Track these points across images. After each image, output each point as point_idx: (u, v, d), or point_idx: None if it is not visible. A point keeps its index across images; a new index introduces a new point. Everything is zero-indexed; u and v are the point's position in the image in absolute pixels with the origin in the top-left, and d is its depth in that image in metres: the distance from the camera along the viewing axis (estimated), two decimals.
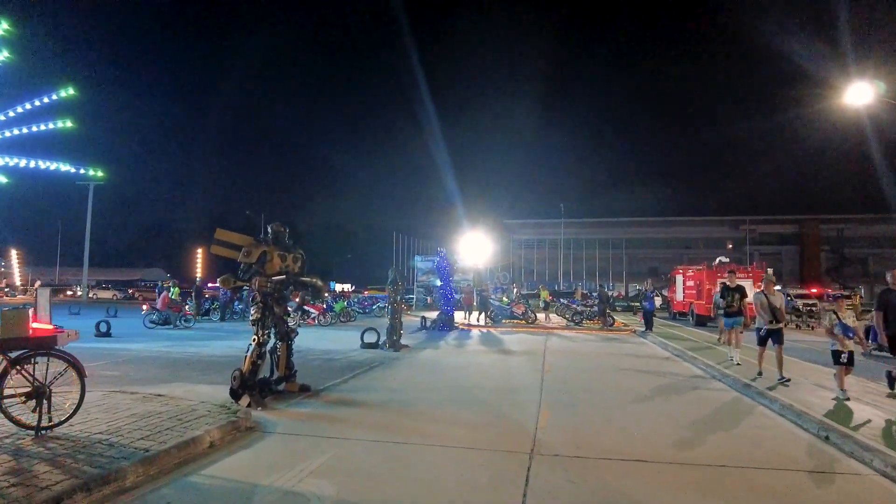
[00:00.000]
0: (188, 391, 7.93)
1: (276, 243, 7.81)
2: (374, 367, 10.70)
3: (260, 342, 7.39)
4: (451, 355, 12.82)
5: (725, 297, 10.39)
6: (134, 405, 6.49)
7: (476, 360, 11.97)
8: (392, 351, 13.12)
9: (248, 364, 7.30)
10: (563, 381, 9.53)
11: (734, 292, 10.42)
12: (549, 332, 19.46)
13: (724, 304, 10.48)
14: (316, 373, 9.83)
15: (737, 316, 10.51)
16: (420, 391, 8.36)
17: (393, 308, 13.97)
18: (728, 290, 10.37)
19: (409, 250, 52.13)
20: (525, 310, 22.95)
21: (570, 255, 67.68)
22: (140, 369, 9.95)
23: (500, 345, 15.37)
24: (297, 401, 7.59)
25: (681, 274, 27.85)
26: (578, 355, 13.19)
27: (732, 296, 10.40)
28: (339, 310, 22.68)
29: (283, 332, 8.05)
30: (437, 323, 19.65)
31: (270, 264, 7.60)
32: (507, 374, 10.16)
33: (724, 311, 10.57)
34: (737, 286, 10.47)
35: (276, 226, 7.89)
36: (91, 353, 11.82)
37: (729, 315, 10.49)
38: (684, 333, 18.59)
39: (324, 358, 11.90)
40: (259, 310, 7.52)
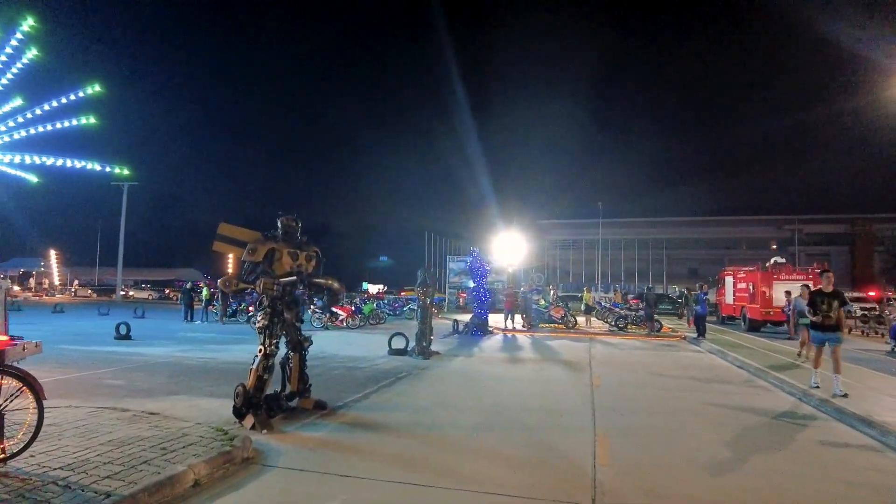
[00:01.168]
0: (190, 407, 7.02)
1: (286, 240, 6.81)
2: (401, 378, 9.63)
3: (267, 353, 6.39)
4: (485, 365, 11.66)
5: (818, 305, 8.40)
6: (117, 427, 5.56)
7: (514, 372, 10.78)
8: (421, 358, 12.05)
9: (252, 379, 6.31)
10: (617, 398, 8.27)
11: (831, 298, 8.35)
12: (591, 339, 18.08)
13: (815, 313, 8.44)
14: (336, 385, 8.83)
15: (834, 331, 8.31)
16: (451, 412, 7.23)
17: (423, 312, 12.89)
18: (822, 296, 8.38)
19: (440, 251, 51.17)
20: (564, 313, 21.60)
21: (608, 256, 65.50)
22: (147, 378, 9.13)
23: (539, 352, 14.12)
24: (310, 421, 6.57)
25: (731, 275, 26.03)
26: (629, 366, 11.85)
27: (829, 303, 8.30)
28: (368, 312, 21.75)
29: (294, 341, 7.04)
30: (470, 327, 18.50)
31: (279, 263, 6.60)
32: (550, 390, 8.94)
33: (816, 322, 8.53)
34: (834, 291, 8.44)
35: (286, 219, 6.88)
36: (103, 358, 11.15)
37: (823, 328, 8.34)
38: (742, 341, 16.97)
39: (347, 366, 10.90)
40: (266, 316, 6.52)
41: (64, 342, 14.09)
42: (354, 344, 15.05)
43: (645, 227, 70.56)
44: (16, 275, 55.14)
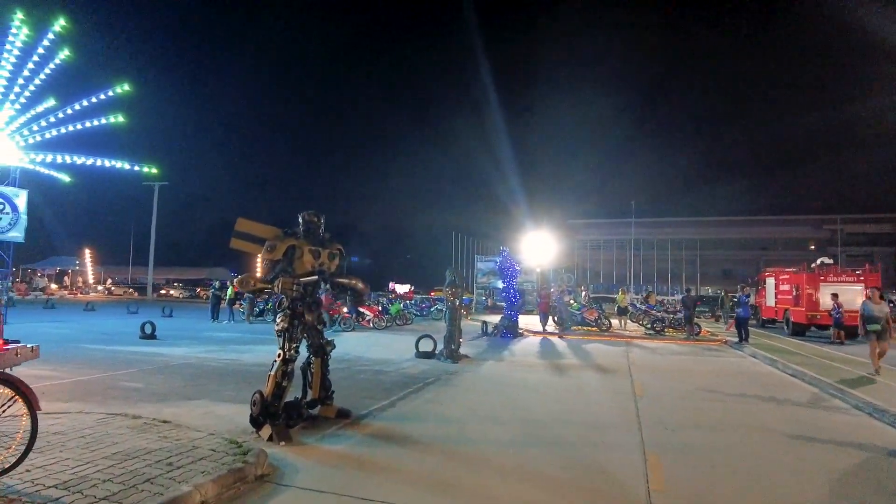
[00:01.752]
0: (205, 413, 6.62)
1: (307, 236, 6.35)
2: (429, 383, 9.11)
3: (286, 358, 5.93)
4: (518, 370, 11.06)
5: None
6: (125, 438, 5.16)
7: (549, 378, 10.16)
8: (450, 362, 11.52)
9: (270, 385, 5.87)
10: (664, 411, 7.59)
11: None
12: (627, 343, 17.29)
13: None
14: (361, 390, 8.36)
15: None
16: (482, 423, 6.67)
17: (451, 313, 12.36)
18: None
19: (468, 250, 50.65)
20: (598, 315, 20.82)
21: (640, 256, 63.96)
22: (166, 381, 8.81)
23: (574, 357, 13.45)
24: (331, 431, 6.09)
25: (772, 277, 24.84)
26: (671, 373, 11.11)
27: None
28: (395, 312, 21.33)
29: (316, 345, 6.58)
30: (500, 329, 17.90)
31: (300, 262, 6.14)
32: (590, 400, 8.31)
33: None
34: None
35: (307, 215, 6.42)
36: (125, 359, 10.92)
37: None
38: (788, 346, 15.96)
39: (373, 370, 10.44)
40: (286, 318, 6.07)
41: (89, 341, 13.99)
42: (381, 345, 14.61)
43: (678, 226, 68.84)
44: (53, 273, 56.69)
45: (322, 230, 6.52)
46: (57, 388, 7.99)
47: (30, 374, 9.17)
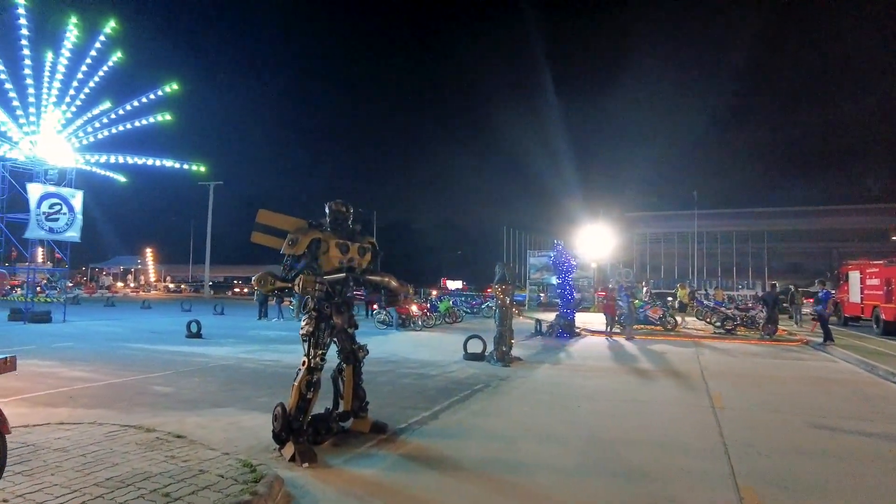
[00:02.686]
0: (228, 425, 6.02)
1: (334, 229, 5.62)
2: (477, 390, 8.26)
3: (311, 366, 5.22)
4: (576, 376, 10.04)
5: None
6: (129, 457, 4.57)
7: (612, 386, 9.10)
8: (500, 365, 10.63)
9: (294, 397, 5.17)
10: (752, 429, 6.45)
11: None
12: (696, 343, 15.87)
13: None
14: (402, 398, 7.61)
15: None
16: (536, 443, 5.75)
17: (501, 312, 11.45)
18: None
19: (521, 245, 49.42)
20: (663, 314, 19.37)
21: (702, 249, 60.80)
22: (199, 384, 8.34)
23: (638, 360, 12.28)
24: (363, 449, 5.34)
25: (857, 270, 22.56)
26: (752, 380, 9.81)
27: None
28: (444, 310, 20.59)
29: (347, 350, 5.86)
30: (555, 328, 16.82)
31: (326, 257, 5.41)
32: (662, 414, 7.23)
33: None
34: None
35: (335, 204, 5.69)
36: (164, 360, 10.61)
37: None
38: (884, 347, 14.12)
39: (418, 373, 9.69)
40: (311, 321, 5.36)
41: (136, 340, 13.91)
42: (427, 346, 13.87)
43: (743, 218, 65.15)
44: (117, 272, 59.37)
45: (351, 222, 5.78)
46: (86, 392, 7.63)
47: (68, 375, 8.98)
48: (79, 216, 18.09)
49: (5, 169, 18.13)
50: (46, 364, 9.81)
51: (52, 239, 18.21)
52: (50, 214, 17.40)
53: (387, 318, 18.00)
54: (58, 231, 17.69)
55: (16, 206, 18.46)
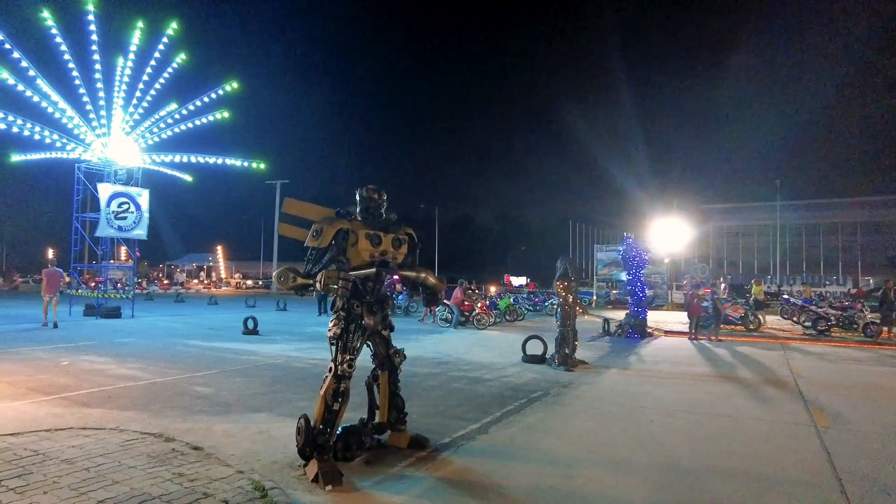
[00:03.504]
0: (258, 434, 5.51)
1: (365, 218, 4.96)
2: (535, 399, 7.41)
3: (338, 374, 4.59)
4: (647, 383, 8.98)
5: None
6: (134, 472, 4.10)
7: (691, 397, 8.01)
8: (562, 370, 9.71)
9: (319, 408, 4.56)
10: (869, 456, 5.27)
11: None
12: (784, 346, 14.23)
13: None
14: (450, 405, 6.90)
15: None
16: (601, 469, 4.86)
17: (563, 311, 10.50)
18: None
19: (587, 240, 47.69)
20: (745, 313, 17.68)
21: (786, 243, 56.56)
22: (242, 385, 7.97)
23: (720, 365, 10.99)
24: (398, 470, 4.66)
25: None
26: (860, 391, 8.41)
27: None
28: (504, 307, 19.73)
29: (382, 355, 5.19)
30: (625, 329, 15.61)
31: (355, 250, 4.75)
32: (753, 433, 6.13)
33: None
34: None
35: (366, 191, 5.03)
36: (213, 357, 10.41)
37: None
38: None
39: (471, 377, 8.95)
40: (338, 322, 4.73)
41: (194, 336, 13.95)
42: (485, 346, 13.09)
43: (832, 209, 60.19)
44: (191, 269, 62.25)
45: (385, 210, 5.10)
46: (126, 392, 7.39)
47: (115, 373, 8.87)
48: (145, 214, 18.56)
49: (80, 171, 18.84)
50: (100, 360, 9.80)
51: (121, 237, 18.80)
52: (119, 213, 17.92)
53: (448, 316, 17.36)
54: (126, 229, 18.20)
55: (90, 207, 19.19)
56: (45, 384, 7.69)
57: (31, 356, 10.05)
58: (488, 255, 80.00)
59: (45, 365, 9.19)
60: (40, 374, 8.38)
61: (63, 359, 9.81)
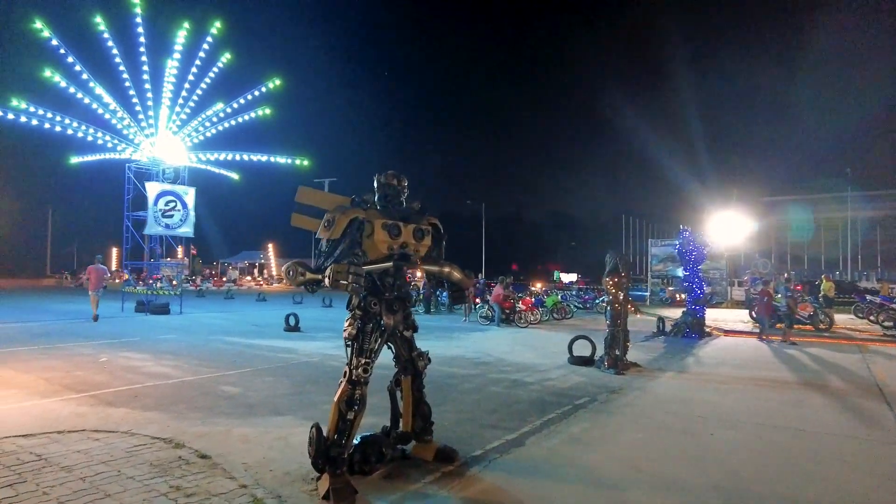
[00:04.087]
0: (277, 439, 5.15)
1: (384, 207, 4.48)
2: (579, 406, 6.77)
3: (353, 379, 4.14)
4: (707, 389, 8.15)
5: None
6: (129, 484, 3.78)
7: (756, 406, 7.16)
8: (612, 373, 8.99)
9: (333, 417, 4.12)
10: None
11: None
12: (861, 348, 12.93)
13: None
14: (486, 411, 6.37)
15: None
16: (652, 492, 4.19)
17: (614, 310, 9.77)
18: None
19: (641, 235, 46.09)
20: (814, 311, 16.31)
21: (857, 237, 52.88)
22: (271, 385, 7.68)
23: (788, 369, 9.99)
24: (420, 486, 4.17)
25: None
26: None
27: None
28: (551, 305, 18.97)
29: (404, 358, 4.71)
30: (681, 328, 14.61)
31: (371, 242, 4.28)
32: (832, 453, 5.30)
33: None
34: None
35: (385, 177, 4.55)
36: (249, 355, 10.23)
37: None
38: None
39: (511, 379, 8.37)
40: (354, 321, 4.29)
41: (236, 333, 13.93)
42: (529, 346, 12.45)
43: None
44: (244, 266, 63.91)
45: (406, 198, 4.60)
46: (154, 391, 7.21)
47: (149, 371, 8.70)
48: (192, 212, 18.81)
49: (130, 170, 19.28)
50: (138, 357, 9.78)
51: (168, 234, 19.13)
52: (166, 211, 18.22)
53: (489, 313, 16.79)
54: (173, 227, 18.50)
55: (139, 206, 19.63)
56: (78, 381, 7.63)
57: (75, 352, 10.14)
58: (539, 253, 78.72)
59: (84, 361, 9.21)
60: (77, 371, 8.36)
61: (103, 355, 9.84)
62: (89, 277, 15.82)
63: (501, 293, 16.33)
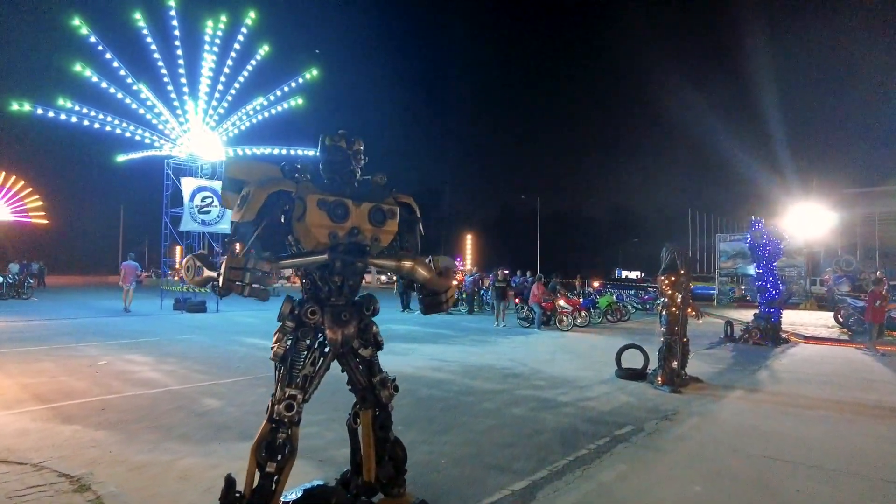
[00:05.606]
0: (218, 478, 4.04)
1: (332, 179, 3.29)
2: (620, 439, 5.36)
3: (275, 417, 2.99)
4: (786, 416, 6.52)
5: None
6: None
7: (857, 442, 5.54)
8: (666, 390, 7.48)
9: (249, 468, 2.99)
10: None
11: None
12: None
13: None
14: (498, 444, 5.09)
15: None
16: None
17: (670, 315, 8.21)
18: None
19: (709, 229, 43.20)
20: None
21: None
22: (258, 398, 6.70)
23: (886, 389, 8.13)
24: None
25: None
26: None
27: None
28: (604, 306, 17.28)
29: (361, 386, 3.50)
30: (753, 333, 12.70)
31: (303, 226, 3.08)
32: None
33: None
34: None
35: (331, 138, 3.32)
36: (255, 360, 9.32)
37: None
38: None
39: (541, 398, 7.03)
40: (284, 336, 3.14)
41: (255, 334, 13.30)
42: (573, 353, 10.99)
43: None
44: None
45: (361, 168, 3.38)
46: (128, 402, 6.37)
47: (139, 377, 7.51)
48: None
49: (169, 167, 19.06)
50: (140, 360, 9.09)
51: (205, 231, 18.77)
52: (202, 207, 17.84)
53: (529, 315, 15.35)
54: (209, 223, 18.11)
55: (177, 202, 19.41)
56: (56, 389, 6.93)
57: (79, 353, 9.60)
58: (599, 249, 75.72)
59: (80, 365, 8.57)
60: (64, 376, 7.69)
61: (105, 358, 9.20)
62: (122, 273, 15.79)
63: (540, 293, 14.82)
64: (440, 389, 7.36)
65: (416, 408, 6.36)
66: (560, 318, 14.80)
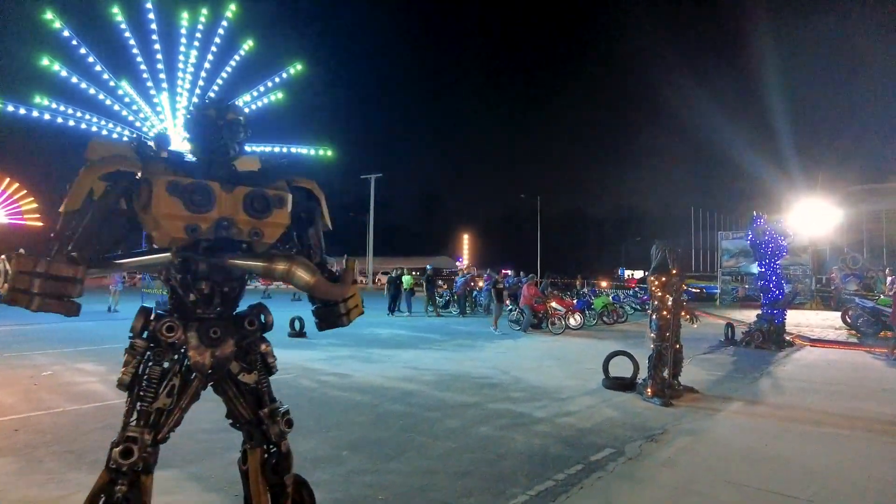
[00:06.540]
0: None
1: (199, 159, 2.58)
2: (595, 466, 4.62)
3: (114, 467, 2.30)
4: (790, 434, 5.78)
5: None
6: None
7: (873, 467, 4.80)
8: (657, 402, 6.75)
9: None
10: None
11: None
12: None
13: None
14: (452, 472, 4.37)
15: None
16: None
17: (661, 319, 7.46)
18: None
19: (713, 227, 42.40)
20: None
21: None
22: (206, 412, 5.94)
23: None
24: None
25: None
26: None
27: None
28: (600, 307, 16.53)
29: (246, 421, 2.78)
30: (755, 336, 11.92)
31: (150, 217, 2.38)
32: None
33: None
34: None
35: (200, 107, 2.62)
36: None
37: None
38: None
39: (515, 412, 6.32)
40: (133, 359, 2.44)
41: None
42: (560, 359, 10.27)
43: None
44: None
45: (239, 143, 2.66)
46: (49, 420, 5.69)
47: (80, 390, 6.54)
48: None
49: None
50: (90, 370, 8.48)
51: None
52: None
53: (519, 317, 14.61)
54: None
55: None
56: None
57: (28, 362, 8.95)
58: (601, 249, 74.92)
59: (21, 376, 7.90)
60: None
61: (52, 368, 8.53)
62: None
63: (530, 294, 14.07)
64: (404, 403, 6.66)
65: (371, 427, 5.66)
66: (552, 321, 14.06)
